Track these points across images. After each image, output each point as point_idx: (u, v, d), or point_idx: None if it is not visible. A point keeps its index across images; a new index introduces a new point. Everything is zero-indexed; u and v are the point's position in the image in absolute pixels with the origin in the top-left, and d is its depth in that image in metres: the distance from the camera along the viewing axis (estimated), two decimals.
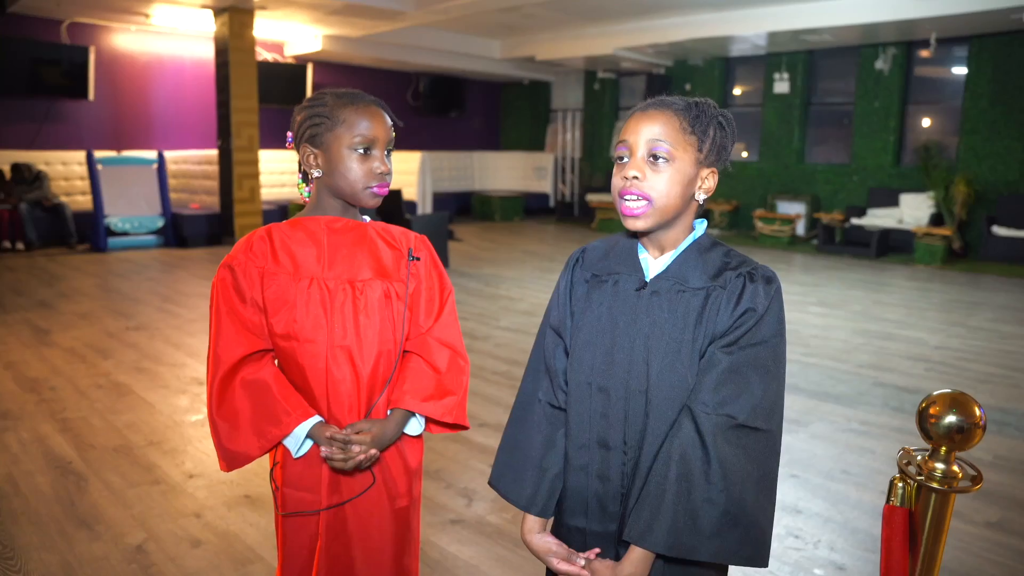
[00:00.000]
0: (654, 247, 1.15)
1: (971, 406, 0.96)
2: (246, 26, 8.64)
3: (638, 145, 1.08)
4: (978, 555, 2.36)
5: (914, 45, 9.41)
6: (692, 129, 1.08)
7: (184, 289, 6.49)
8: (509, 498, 1.20)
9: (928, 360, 4.61)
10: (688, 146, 1.08)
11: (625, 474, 1.11)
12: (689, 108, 1.09)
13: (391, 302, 1.38)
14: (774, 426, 1.06)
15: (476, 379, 4.09)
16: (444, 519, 2.54)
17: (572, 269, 1.22)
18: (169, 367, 4.23)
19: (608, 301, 1.14)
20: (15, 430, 3.27)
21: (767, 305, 1.06)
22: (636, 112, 1.11)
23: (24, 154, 8.88)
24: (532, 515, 1.18)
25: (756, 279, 1.08)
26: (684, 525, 1.02)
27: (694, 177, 1.10)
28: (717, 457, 1.02)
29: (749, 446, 1.04)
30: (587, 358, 1.14)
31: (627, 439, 1.11)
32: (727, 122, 1.12)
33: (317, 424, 1.31)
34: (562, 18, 9.87)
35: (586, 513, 1.15)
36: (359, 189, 1.33)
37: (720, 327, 1.07)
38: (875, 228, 9.06)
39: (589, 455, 1.14)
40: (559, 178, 13.75)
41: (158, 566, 2.22)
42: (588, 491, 1.14)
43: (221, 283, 1.34)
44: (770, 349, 1.06)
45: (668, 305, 1.09)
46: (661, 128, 1.07)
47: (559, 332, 1.21)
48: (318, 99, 1.34)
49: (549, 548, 1.15)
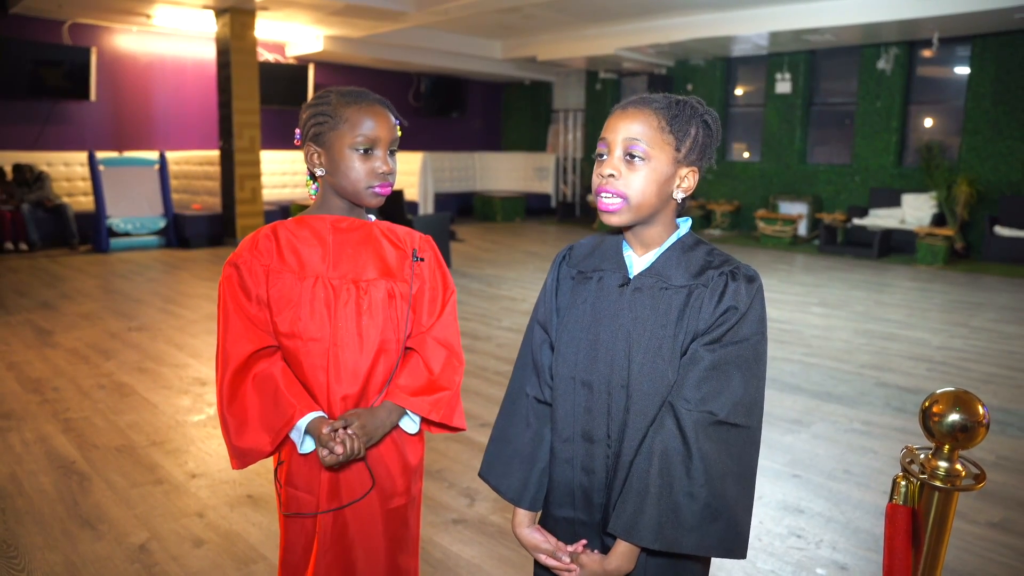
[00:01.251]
0: (638, 244, 1.16)
1: (974, 404, 0.96)
2: (247, 27, 8.65)
3: (616, 144, 1.10)
4: (980, 555, 2.36)
5: (916, 45, 9.40)
6: (670, 128, 1.09)
7: (186, 290, 6.50)
8: (499, 490, 1.22)
9: (930, 360, 4.60)
10: (665, 145, 1.09)
11: (609, 467, 1.14)
12: (670, 107, 1.10)
13: (395, 302, 1.38)
14: (754, 422, 1.09)
15: (477, 379, 4.09)
16: (446, 519, 2.55)
17: (559, 266, 1.24)
18: (171, 367, 4.23)
19: (592, 297, 1.16)
20: (18, 430, 3.27)
21: (749, 303, 1.08)
22: (617, 110, 1.12)
23: (26, 155, 8.89)
24: (521, 508, 1.21)
25: (738, 278, 1.09)
26: (667, 519, 1.04)
27: (671, 176, 1.11)
28: (699, 453, 1.04)
29: (729, 441, 1.06)
30: (571, 353, 1.16)
31: (610, 432, 1.13)
32: (712, 120, 1.12)
33: (316, 419, 1.31)
34: (563, 19, 9.87)
35: (573, 504, 1.17)
36: (361, 188, 1.33)
37: (702, 324, 1.09)
38: (877, 228, 9.05)
39: (574, 448, 1.16)
40: (560, 179, 13.75)
41: (161, 566, 2.23)
42: (574, 483, 1.17)
43: (227, 281, 1.35)
44: (751, 347, 1.08)
45: (650, 302, 1.11)
46: (639, 127, 1.08)
47: (545, 328, 1.23)
48: (323, 98, 1.34)
49: (537, 543, 1.19)
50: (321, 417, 1.31)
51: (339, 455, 1.26)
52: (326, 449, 1.27)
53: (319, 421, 1.30)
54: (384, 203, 1.39)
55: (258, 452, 1.32)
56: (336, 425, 1.29)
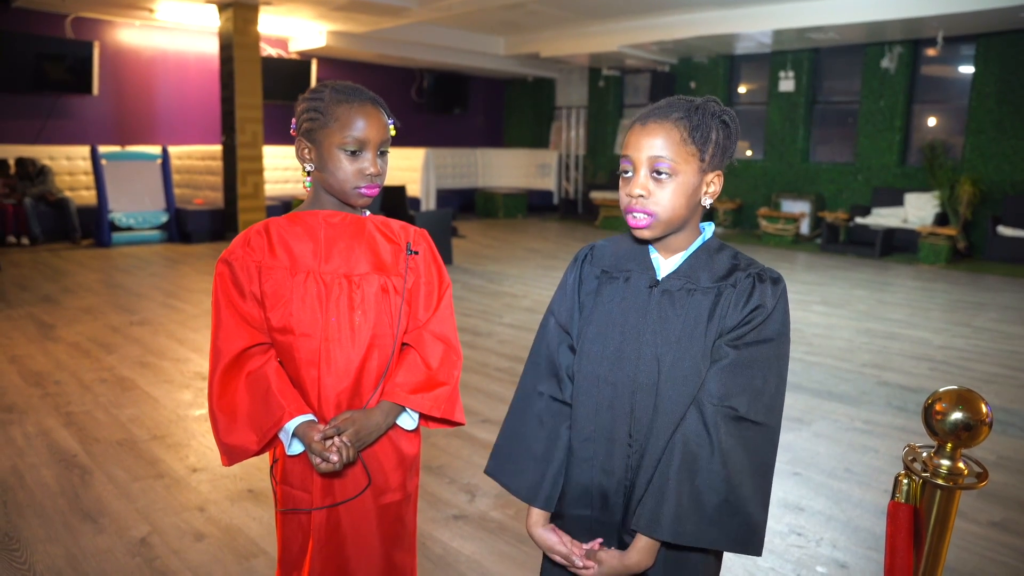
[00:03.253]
0: (664, 249, 1.17)
1: (978, 403, 0.95)
2: (250, 22, 8.64)
3: (641, 162, 1.10)
4: (980, 554, 2.36)
5: (920, 44, 9.37)
6: (692, 139, 1.09)
7: (188, 284, 6.50)
8: (510, 488, 1.21)
9: (932, 360, 4.60)
10: (690, 157, 1.09)
11: (629, 467, 1.13)
12: (690, 116, 1.09)
13: (388, 296, 1.37)
14: (773, 421, 1.10)
15: (479, 375, 4.09)
16: (446, 515, 2.55)
17: (581, 265, 1.23)
18: (173, 362, 4.24)
19: (619, 297, 1.16)
20: (20, 423, 3.28)
21: (774, 304, 1.10)
22: (636, 125, 1.12)
23: (28, 149, 8.89)
24: (536, 507, 1.19)
25: (765, 280, 1.12)
26: (687, 512, 1.05)
27: (698, 185, 1.11)
28: (719, 448, 1.06)
29: (749, 438, 1.07)
30: (596, 352, 1.15)
31: (632, 433, 1.12)
32: (731, 119, 1.12)
33: (306, 423, 1.30)
34: (566, 15, 9.85)
35: (590, 504, 1.17)
36: (347, 189, 1.33)
37: (729, 323, 1.10)
38: (879, 227, 9.04)
39: (594, 448, 1.15)
40: (563, 175, 13.74)
41: (162, 559, 2.23)
42: (592, 483, 1.16)
43: (220, 278, 1.35)
44: (775, 347, 1.10)
45: (680, 303, 1.12)
46: (662, 142, 1.08)
47: (565, 328, 1.21)
48: (318, 92, 1.33)
49: (552, 544, 1.17)
50: (311, 422, 1.30)
51: (335, 463, 1.26)
52: (319, 457, 1.27)
53: (308, 426, 1.29)
54: (386, 199, 1.39)
55: (245, 450, 1.31)
56: (328, 433, 1.28)
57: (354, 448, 1.30)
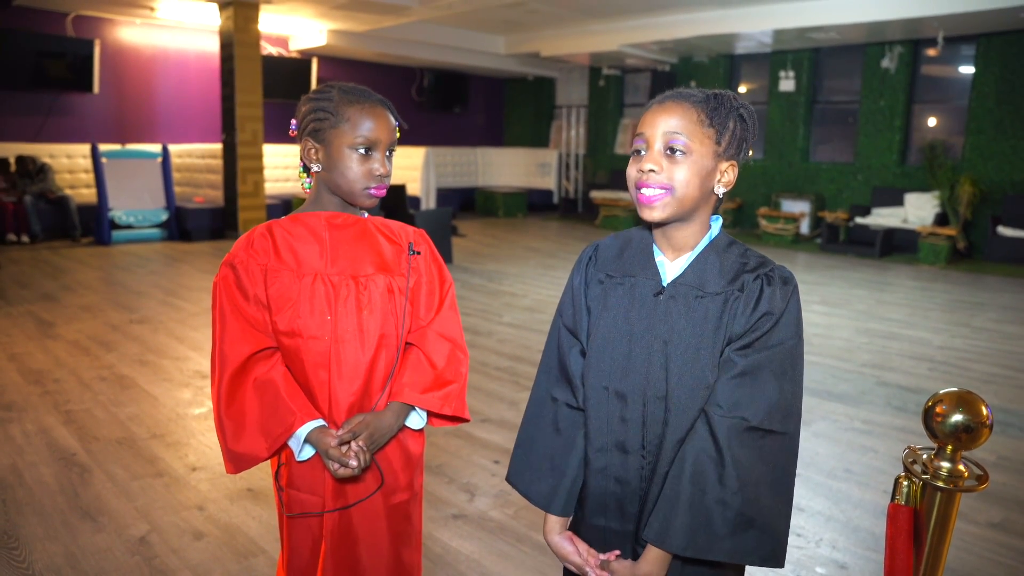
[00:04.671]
0: (669, 248, 1.13)
1: (978, 405, 0.95)
2: (251, 20, 8.64)
3: (655, 138, 1.07)
4: (980, 555, 2.36)
5: (920, 44, 9.36)
6: (710, 121, 1.07)
7: (187, 283, 6.50)
8: (528, 495, 1.20)
9: (931, 360, 4.60)
10: (706, 139, 1.07)
11: (644, 477, 1.11)
12: (708, 100, 1.08)
13: (393, 296, 1.37)
14: (790, 428, 1.06)
15: (479, 375, 4.09)
16: (446, 514, 2.55)
17: (585, 267, 1.20)
18: (172, 360, 4.24)
19: (624, 305, 1.13)
20: (19, 421, 3.28)
21: (784, 307, 1.06)
22: (654, 104, 1.09)
23: (29, 147, 8.89)
24: (553, 515, 1.18)
25: (773, 281, 1.07)
26: (699, 526, 1.02)
27: (712, 170, 1.08)
28: (731, 459, 1.02)
29: (764, 448, 1.04)
30: (604, 363, 1.13)
31: (645, 443, 1.10)
32: (748, 114, 1.11)
33: (318, 429, 1.29)
34: (566, 14, 9.85)
35: (605, 513, 1.15)
36: (357, 189, 1.32)
37: (737, 329, 1.06)
38: (879, 227, 9.04)
39: (607, 458, 1.13)
40: (563, 175, 13.73)
41: (161, 558, 2.23)
42: (607, 493, 1.14)
43: (223, 281, 1.33)
44: (786, 351, 1.06)
45: (686, 311, 1.08)
46: (678, 121, 1.06)
47: (574, 332, 1.19)
48: (325, 93, 1.32)
49: (567, 553, 1.16)
50: (322, 427, 1.30)
51: (354, 468, 1.26)
52: (337, 463, 1.26)
53: (321, 432, 1.28)
54: (386, 198, 1.39)
55: (254, 458, 1.29)
56: (344, 438, 1.28)
57: (369, 452, 1.29)
